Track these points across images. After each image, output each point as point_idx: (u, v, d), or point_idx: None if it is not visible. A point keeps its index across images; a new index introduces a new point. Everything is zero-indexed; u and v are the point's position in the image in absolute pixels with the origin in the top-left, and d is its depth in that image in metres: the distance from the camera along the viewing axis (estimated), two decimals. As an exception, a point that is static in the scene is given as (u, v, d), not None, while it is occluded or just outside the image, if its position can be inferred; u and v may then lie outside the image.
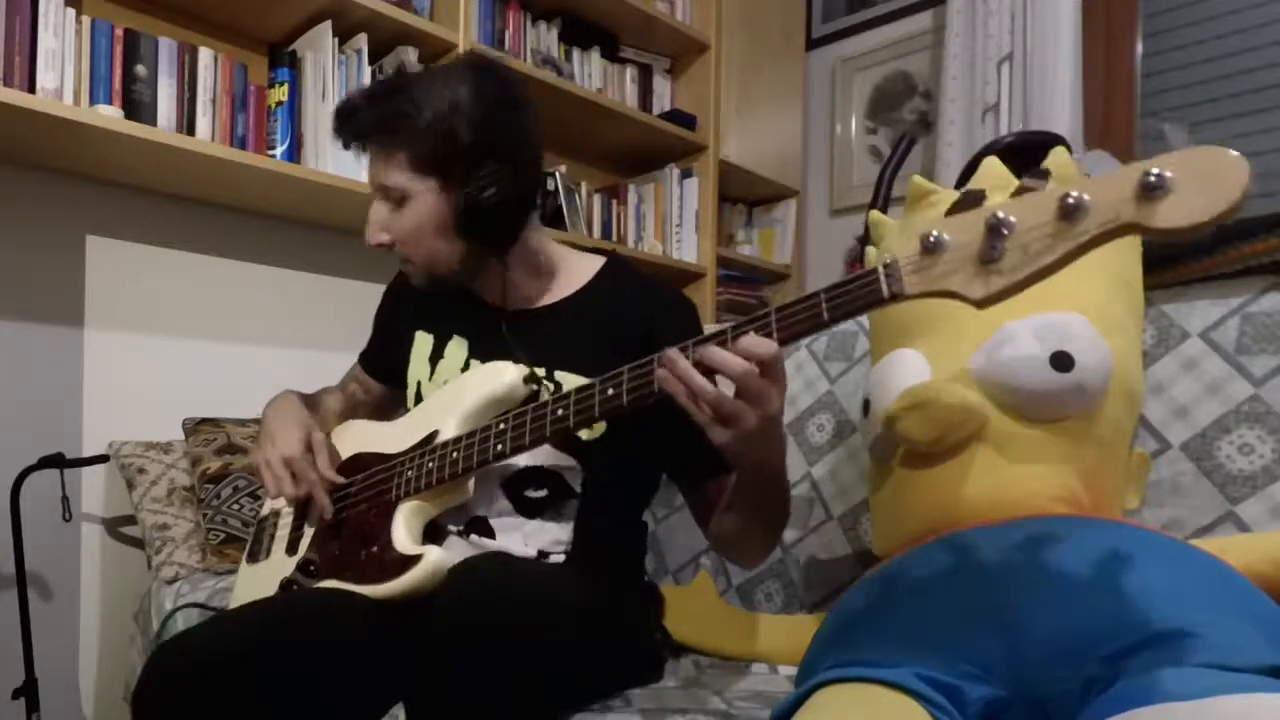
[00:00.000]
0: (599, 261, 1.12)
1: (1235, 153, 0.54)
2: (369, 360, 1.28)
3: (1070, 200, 0.58)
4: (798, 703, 0.72)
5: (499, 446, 0.92)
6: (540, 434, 0.90)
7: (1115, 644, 0.64)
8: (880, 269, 0.68)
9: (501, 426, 0.93)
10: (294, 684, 0.85)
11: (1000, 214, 0.61)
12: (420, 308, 1.15)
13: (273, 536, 1.16)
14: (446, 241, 1.00)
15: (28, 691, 1.44)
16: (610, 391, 0.83)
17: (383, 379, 1.25)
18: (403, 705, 0.82)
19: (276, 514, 1.18)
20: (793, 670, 1.02)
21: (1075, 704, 0.63)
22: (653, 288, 1.09)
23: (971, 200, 0.66)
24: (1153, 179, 0.55)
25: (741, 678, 1.05)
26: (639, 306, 1.05)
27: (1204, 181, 0.54)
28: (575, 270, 1.10)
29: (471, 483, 1.00)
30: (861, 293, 0.69)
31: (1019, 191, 0.62)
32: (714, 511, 0.99)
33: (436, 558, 0.92)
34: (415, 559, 0.93)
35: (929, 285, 0.66)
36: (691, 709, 0.85)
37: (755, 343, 0.73)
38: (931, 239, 0.64)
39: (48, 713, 1.49)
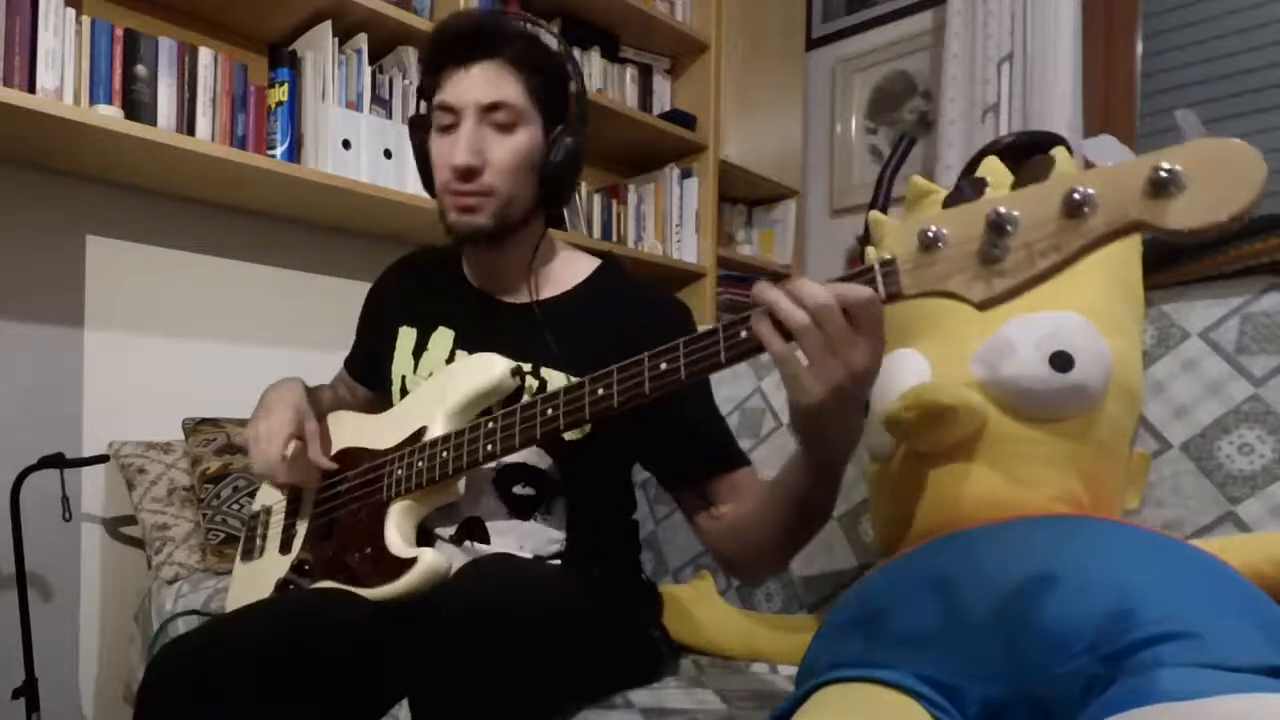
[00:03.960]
0: (594, 262, 1.11)
1: (1250, 147, 0.50)
2: (353, 364, 1.28)
3: (1076, 196, 0.54)
4: (798, 703, 0.72)
5: (489, 447, 0.91)
6: (530, 435, 0.89)
7: (1115, 644, 0.64)
8: (877, 266, 0.64)
9: (490, 426, 0.92)
10: (295, 687, 0.85)
11: (1003, 209, 0.57)
12: (403, 305, 1.15)
13: (264, 536, 1.15)
14: (529, 183, 1.00)
15: (28, 691, 1.44)
16: (600, 392, 0.82)
17: (367, 383, 1.25)
18: (408, 704, 0.82)
19: (268, 510, 1.18)
20: (793, 670, 1.02)
21: (1075, 704, 0.63)
22: (645, 292, 1.08)
23: (971, 190, 0.63)
24: (1164, 174, 0.51)
25: (741, 678, 1.05)
26: (629, 309, 1.03)
27: (1217, 178, 0.50)
28: (571, 267, 1.10)
29: (462, 483, 1.00)
30: (860, 281, 0.66)
31: (1019, 183, 0.59)
32: (711, 511, 0.98)
33: (431, 560, 0.92)
34: (410, 562, 0.93)
35: (927, 286, 0.62)
36: (691, 709, 0.85)
37: (847, 286, 0.65)
38: (930, 233, 0.60)
39: (48, 713, 1.49)
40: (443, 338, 1.09)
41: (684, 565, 1.38)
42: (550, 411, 0.86)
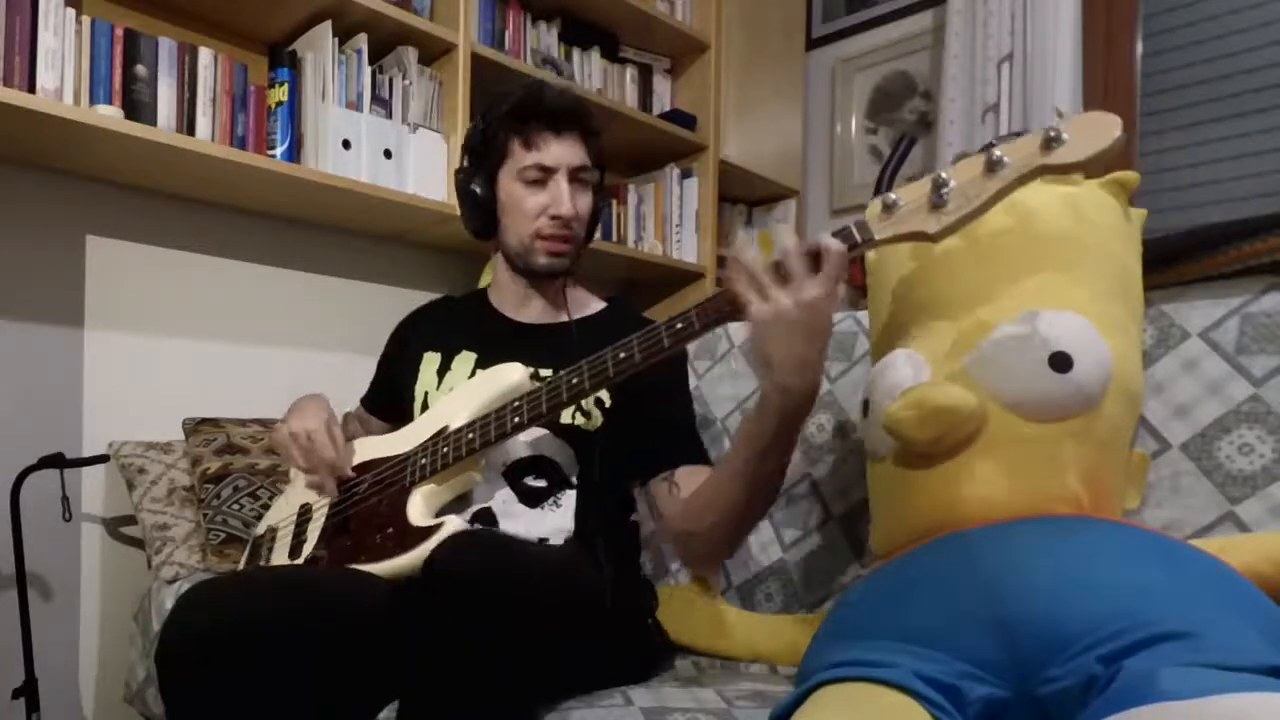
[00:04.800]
0: (603, 302, 1.24)
1: (1111, 115, 0.77)
2: (372, 398, 1.34)
3: (994, 157, 0.79)
4: (797, 702, 0.72)
5: (515, 419, 0.96)
6: (557, 400, 0.94)
7: (1115, 643, 0.64)
8: (851, 224, 0.84)
9: (517, 403, 0.97)
10: (313, 654, 0.87)
11: (942, 175, 0.80)
12: (428, 336, 1.22)
13: (270, 550, 1.16)
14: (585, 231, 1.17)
15: (28, 691, 1.44)
16: (622, 355, 0.90)
17: (386, 415, 1.30)
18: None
19: (273, 530, 1.18)
20: (793, 670, 1.02)
21: (1074, 704, 0.64)
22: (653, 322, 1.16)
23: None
24: (1053, 135, 0.78)
25: (741, 678, 1.05)
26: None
27: (1088, 134, 0.77)
28: (584, 301, 1.22)
29: (483, 463, 1.04)
30: (840, 237, 0.83)
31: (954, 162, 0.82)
32: (673, 493, 1.04)
33: (456, 525, 0.93)
34: (435, 528, 0.94)
35: (894, 229, 0.82)
36: (691, 709, 0.85)
37: (818, 238, 0.82)
38: (889, 200, 0.83)
39: (48, 713, 1.49)
40: (465, 359, 1.16)
41: (683, 566, 1.38)
42: (576, 380, 0.93)
